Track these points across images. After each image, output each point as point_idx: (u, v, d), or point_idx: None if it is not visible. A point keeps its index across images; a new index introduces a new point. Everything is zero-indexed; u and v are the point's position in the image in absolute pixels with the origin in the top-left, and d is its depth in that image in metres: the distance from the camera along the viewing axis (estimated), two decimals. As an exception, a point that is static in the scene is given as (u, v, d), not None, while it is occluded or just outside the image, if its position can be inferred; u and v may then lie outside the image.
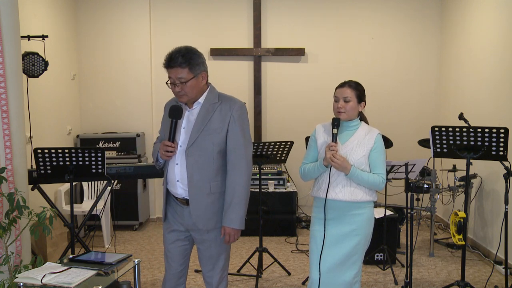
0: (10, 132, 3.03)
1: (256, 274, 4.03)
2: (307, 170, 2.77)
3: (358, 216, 2.66)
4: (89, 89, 6.04)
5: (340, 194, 2.65)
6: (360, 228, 2.66)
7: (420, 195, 4.98)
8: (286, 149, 4.09)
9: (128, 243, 5.21)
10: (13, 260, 2.91)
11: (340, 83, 2.75)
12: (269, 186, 5.44)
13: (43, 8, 5.07)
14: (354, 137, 2.70)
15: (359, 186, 2.65)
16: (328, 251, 2.66)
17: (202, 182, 2.50)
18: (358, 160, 2.63)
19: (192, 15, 6.04)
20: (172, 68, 2.46)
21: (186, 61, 2.45)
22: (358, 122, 2.75)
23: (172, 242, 2.65)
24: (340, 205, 2.66)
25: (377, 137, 2.69)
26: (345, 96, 2.68)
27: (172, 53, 2.47)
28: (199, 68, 2.52)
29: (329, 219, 2.68)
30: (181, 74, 2.45)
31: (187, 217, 2.56)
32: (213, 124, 2.50)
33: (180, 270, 2.69)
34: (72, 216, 3.65)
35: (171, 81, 2.50)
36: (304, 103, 6.09)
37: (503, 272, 3.99)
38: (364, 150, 2.65)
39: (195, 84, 2.50)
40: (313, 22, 6.07)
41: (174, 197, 2.62)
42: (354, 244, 2.66)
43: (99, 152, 3.47)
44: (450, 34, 5.80)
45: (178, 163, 2.53)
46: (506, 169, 3.43)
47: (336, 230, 2.67)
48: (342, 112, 2.68)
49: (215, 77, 5.94)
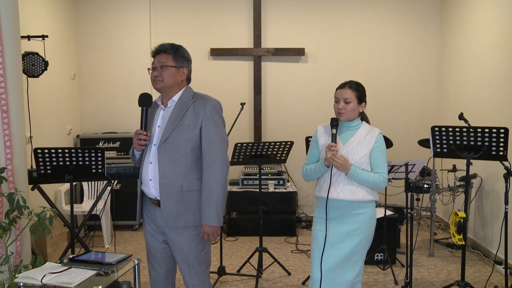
0: (10, 132, 3.02)
1: (256, 274, 4.03)
2: (309, 170, 2.79)
3: (359, 216, 2.67)
4: (89, 89, 6.04)
5: (342, 193, 2.65)
6: (362, 227, 2.67)
7: (420, 195, 4.98)
8: (286, 149, 4.08)
9: (128, 243, 5.21)
10: (13, 260, 2.91)
11: (341, 84, 2.75)
12: (269, 186, 5.44)
13: (43, 8, 5.07)
14: (355, 137, 2.70)
15: (361, 186, 2.65)
16: (329, 251, 2.66)
17: (174, 179, 2.47)
18: (359, 160, 2.64)
19: (192, 15, 6.04)
20: (158, 54, 2.53)
21: (173, 50, 2.53)
22: (359, 122, 2.75)
23: (152, 245, 2.65)
24: (341, 204, 2.67)
25: (378, 137, 2.69)
26: (345, 98, 2.68)
27: (162, 43, 2.56)
28: (182, 62, 2.56)
29: (331, 218, 2.69)
30: (164, 59, 2.50)
31: (160, 218, 2.55)
32: (186, 120, 2.49)
33: (164, 271, 2.67)
34: (72, 216, 3.65)
35: (152, 67, 2.54)
36: (304, 103, 6.09)
37: (503, 272, 3.99)
38: (365, 149, 2.66)
39: (174, 74, 2.52)
40: (313, 22, 6.07)
41: (148, 198, 2.61)
42: (356, 243, 2.66)
43: (99, 152, 3.47)
44: (450, 34, 5.80)
45: (152, 162, 2.52)
46: (506, 169, 3.43)
47: (338, 230, 2.67)
48: (343, 113, 2.68)
49: (215, 77, 6.04)
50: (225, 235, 5.43)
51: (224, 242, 5.17)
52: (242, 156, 4.01)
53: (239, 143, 3.96)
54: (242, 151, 3.98)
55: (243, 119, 5.82)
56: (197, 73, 6.71)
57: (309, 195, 6.09)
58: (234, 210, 5.41)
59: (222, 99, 2.69)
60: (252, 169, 5.67)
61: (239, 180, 5.60)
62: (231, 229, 5.44)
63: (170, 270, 2.70)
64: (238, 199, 5.41)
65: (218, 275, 4.03)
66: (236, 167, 5.79)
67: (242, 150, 3.97)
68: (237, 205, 5.40)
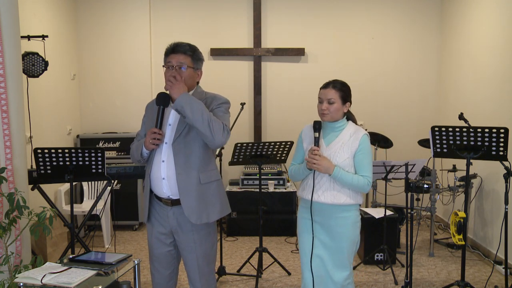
0: (10, 132, 3.02)
1: (256, 274, 4.03)
2: (294, 171, 2.76)
3: (343, 220, 2.62)
4: (89, 89, 6.04)
5: (323, 197, 2.61)
6: (346, 231, 2.62)
7: (420, 195, 4.98)
8: (286, 149, 4.08)
9: (128, 243, 5.21)
10: (13, 260, 2.91)
11: (324, 84, 2.68)
12: (269, 186, 5.44)
13: (43, 8, 5.07)
14: (339, 138, 2.63)
15: (342, 189, 2.59)
16: (316, 254, 2.65)
17: (191, 174, 2.47)
18: (342, 162, 2.58)
19: (192, 15, 6.04)
20: (176, 53, 2.48)
21: (192, 51, 2.50)
22: (344, 123, 2.68)
23: (157, 248, 2.63)
24: (324, 207, 2.63)
25: (362, 139, 2.60)
26: (328, 98, 2.61)
27: (178, 42, 2.51)
28: (199, 64, 2.56)
29: (315, 221, 2.66)
30: (184, 60, 2.47)
31: (172, 218, 2.54)
32: None
33: (168, 273, 2.67)
34: (72, 216, 3.64)
35: (168, 65, 2.49)
36: (304, 103, 6.09)
37: (503, 272, 3.99)
38: (348, 152, 2.59)
39: (191, 76, 2.52)
40: (313, 22, 6.07)
41: (156, 199, 2.59)
42: (341, 247, 2.63)
43: (99, 152, 3.47)
44: (450, 34, 5.80)
45: (165, 160, 2.50)
46: (506, 169, 3.43)
47: (323, 234, 2.65)
48: (326, 113, 2.62)
49: (215, 77, 6.03)
50: (225, 235, 5.44)
51: (224, 242, 5.17)
52: (242, 156, 4.01)
53: (239, 143, 3.96)
54: (242, 151, 3.98)
55: (243, 119, 5.83)
56: (197, 73, 6.57)
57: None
58: (234, 210, 5.41)
59: (222, 99, 2.69)
60: (252, 169, 5.67)
61: (239, 180, 5.60)
62: (231, 229, 5.44)
63: (174, 271, 2.70)
64: (238, 199, 5.41)
65: (218, 275, 4.03)
66: (236, 167, 5.79)
67: (242, 150, 3.97)
68: (237, 205, 5.40)
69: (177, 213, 2.53)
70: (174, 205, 2.52)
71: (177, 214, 2.53)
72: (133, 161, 2.72)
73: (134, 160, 2.65)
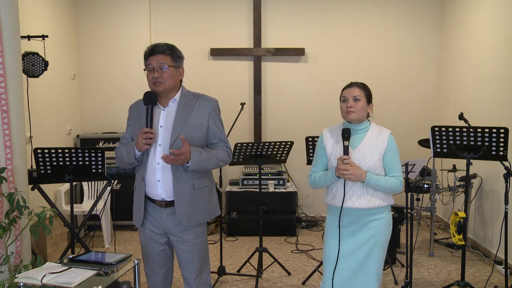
0: (10, 132, 3.03)
1: (256, 274, 4.03)
2: (318, 179, 2.64)
3: (376, 222, 2.56)
4: (89, 89, 6.04)
5: (358, 202, 2.53)
6: (378, 233, 2.56)
7: (420, 195, 4.98)
8: (286, 149, 4.08)
9: (128, 243, 5.21)
10: (13, 260, 2.91)
11: (347, 84, 2.65)
12: (269, 186, 5.44)
13: (43, 8, 5.07)
14: (365, 140, 2.58)
15: (376, 193, 2.54)
16: (343, 261, 2.56)
17: (186, 179, 2.50)
18: (372, 165, 2.52)
19: (192, 15, 6.04)
20: (154, 54, 2.48)
21: (170, 50, 2.51)
22: (368, 124, 2.63)
23: (151, 247, 2.64)
24: (356, 212, 2.56)
25: (390, 138, 2.58)
26: (355, 95, 2.56)
27: (156, 43, 2.52)
28: (179, 62, 2.56)
29: (345, 226, 2.58)
30: (163, 60, 2.47)
31: (165, 220, 2.56)
32: (193, 120, 2.52)
33: (163, 272, 2.69)
34: (72, 216, 3.65)
35: (149, 68, 2.49)
36: (304, 103, 6.10)
37: (503, 272, 3.99)
38: (377, 154, 2.54)
39: (174, 74, 2.51)
40: (313, 22, 6.07)
41: (150, 200, 2.60)
42: (370, 249, 2.55)
43: (99, 152, 3.47)
44: (450, 34, 5.80)
45: (160, 162, 2.50)
46: (506, 169, 3.43)
47: (352, 239, 2.57)
48: (352, 111, 2.54)
49: (215, 77, 6.03)
50: (225, 235, 5.43)
51: (224, 242, 5.17)
52: (242, 156, 4.01)
53: (239, 143, 3.96)
54: (242, 151, 3.98)
55: (243, 119, 5.83)
56: (197, 73, 6.72)
57: (309, 195, 6.09)
58: (234, 210, 5.41)
59: (222, 99, 2.70)
60: (252, 169, 5.67)
61: (239, 180, 5.60)
62: (231, 229, 5.44)
63: (169, 270, 2.72)
64: (238, 199, 5.41)
65: (218, 275, 4.03)
66: (236, 167, 5.79)
67: (242, 150, 3.97)
68: (237, 205, 5.40)
69: (170, 214, 2.55)
70: (168, 206, 2.55)
71: (171, 215, 2.55)
72: (120, 166, 2.68)
73: (123, 164, 2.61)
